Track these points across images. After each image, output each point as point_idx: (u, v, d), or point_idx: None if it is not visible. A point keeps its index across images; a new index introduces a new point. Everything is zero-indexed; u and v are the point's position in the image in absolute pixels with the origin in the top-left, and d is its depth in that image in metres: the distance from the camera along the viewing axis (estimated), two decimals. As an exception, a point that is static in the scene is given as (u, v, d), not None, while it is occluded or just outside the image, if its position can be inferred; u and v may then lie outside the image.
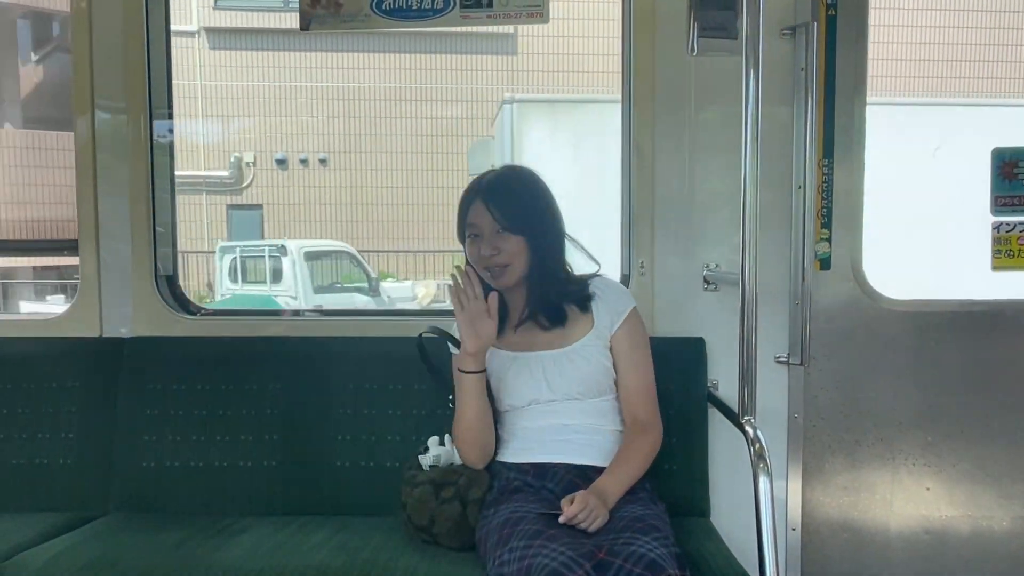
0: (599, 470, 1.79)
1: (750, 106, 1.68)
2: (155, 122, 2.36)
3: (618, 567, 1.44)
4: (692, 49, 2.19)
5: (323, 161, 14.13)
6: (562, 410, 1.85)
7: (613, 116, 2.42)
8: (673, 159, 2.25)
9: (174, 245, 2.47)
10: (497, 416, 1.90)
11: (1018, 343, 2.32)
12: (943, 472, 2.31)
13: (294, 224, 13.71)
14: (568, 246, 1.93)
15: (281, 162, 14.07)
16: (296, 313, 2.46)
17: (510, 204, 1.83)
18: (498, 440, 1.89)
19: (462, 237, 1.90)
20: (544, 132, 8.40)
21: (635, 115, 2.26)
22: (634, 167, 2.27)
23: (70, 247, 2.39)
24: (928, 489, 2.32)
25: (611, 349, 1.88)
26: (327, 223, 13.55)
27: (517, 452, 1.86)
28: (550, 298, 1.88)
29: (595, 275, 1.94)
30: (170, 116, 2.43)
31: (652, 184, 2.25)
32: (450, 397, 1.91)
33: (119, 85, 2.32)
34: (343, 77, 13.64)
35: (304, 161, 14.07)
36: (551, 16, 2.24)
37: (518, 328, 1.90)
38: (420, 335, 1.95)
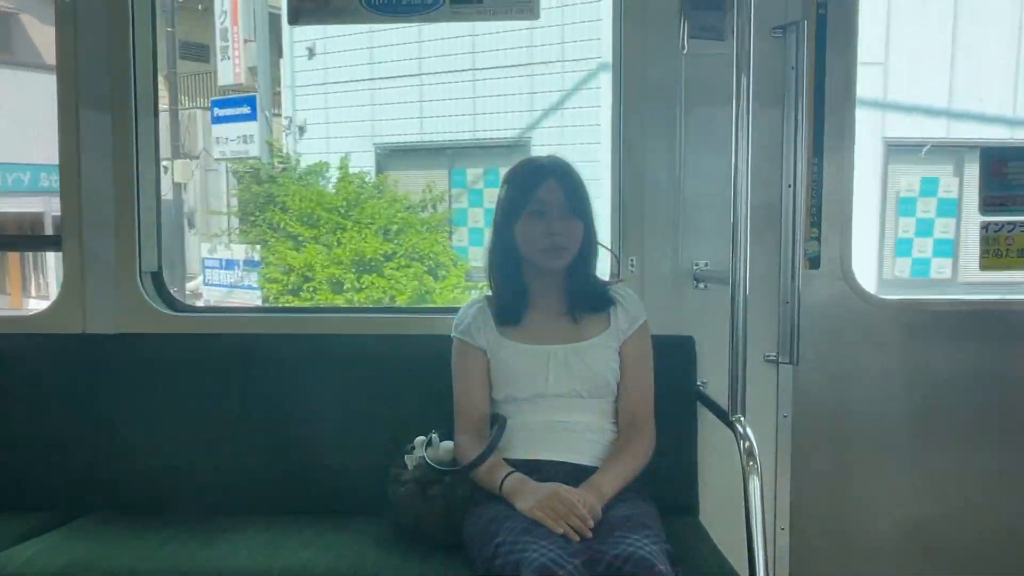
0: (592, 470, 1.77)
1: (741, 104, 1.68)
2: (140, 121, 2.34)
3: (608, 563, 1.43)
4: (683, 47, 2.20)
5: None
6: (563, 406, 1.83)
7: None
8: (663, 155, 2.23)
9: (159, 241, 2.44)
10: (492, 405, 1.89)
11: (1007, 343, 2.32)
12: (932, 472, 2.31)
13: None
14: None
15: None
16: (283, 311, 2.44)
17: (577, 189, 1.86)
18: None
19: (515, 212, 1.85)
20: None
21: (625, 110, 2.25)
22: (624, 163, 2.26)
23: (53, 243, 2.36)
24: (917, 489, 2.32)
25: (619, 353, 1.89)
26: None
27: (509, 448, 1.83)
28: (589, 290, 1.90)
29: (617, 281, 2.00)
30: (155, 114, 2.41)
31: (642, 180, 2.24)
32: None
33: (105, 82, 2.29)
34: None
35: None
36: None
37: (539, 319, 1.90)
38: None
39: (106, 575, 1.69)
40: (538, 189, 1.84)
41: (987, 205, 2.31)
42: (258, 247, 9.02)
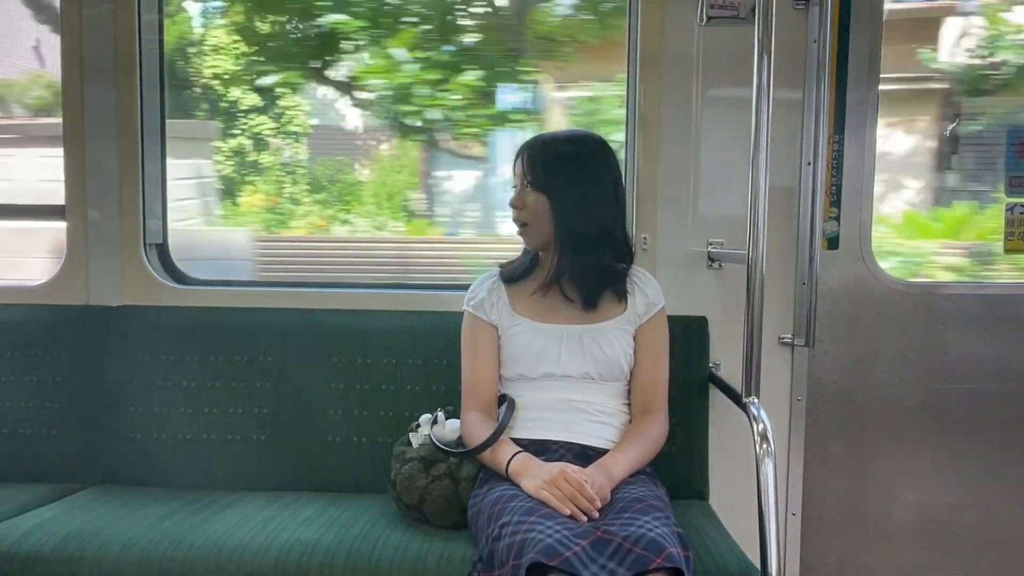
0: (601, 452, 1.73)
1: (762, 79, 1.63)
2: (146, 93, 2.31)
3: (616, 545, 1.39)
4: (702, 19, 2.13)
5: None
6: (574, 387, 1.79)
7: None
8: (679, 131, 2.18)
9: (164, 213, 2.41)
10: (500, 382, 1.86)
11: (1028, 329, 2.26)
12: (948, 459, 2.27)
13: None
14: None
15: None
16: (288, 285, 2.42)
17: (544, 162, 1.79)
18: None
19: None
20: None
21: (641, 85, 2.19)
22: (639, 139, 2.20)
23: (57, 212, 2.33)
24: (932, 476, 2.27)
25: (634, 338, 1.84)
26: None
27: (518, 427, 1.79)
28: (581, 269, 1.79)
29: (637, 268, 1.91)
30: (161, 87, 2.37)
31: (657, 157, 2.18)
32: None
33: (109, 53, 2.26)
34: None
35: None
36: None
37: (546, 295, 1.84)
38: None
39: (107, 548, 1.67)
40: (514, 164, 1.85)
41: (1012, 187, 2.24)
42: None
